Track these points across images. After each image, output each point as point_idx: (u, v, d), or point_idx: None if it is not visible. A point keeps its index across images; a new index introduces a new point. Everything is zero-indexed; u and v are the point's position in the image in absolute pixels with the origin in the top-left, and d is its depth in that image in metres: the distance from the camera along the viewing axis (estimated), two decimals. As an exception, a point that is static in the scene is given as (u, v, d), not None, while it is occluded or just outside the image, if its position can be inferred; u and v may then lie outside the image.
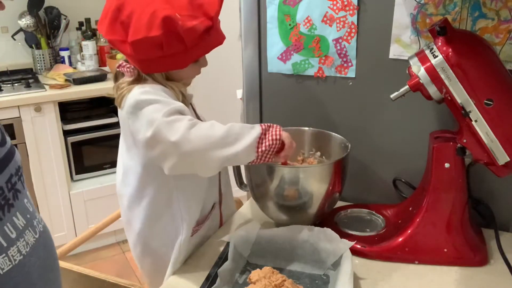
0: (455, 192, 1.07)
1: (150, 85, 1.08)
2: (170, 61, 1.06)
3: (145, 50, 1.03)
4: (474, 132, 0.99)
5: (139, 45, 1.01)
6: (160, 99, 1.04)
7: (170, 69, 1.09)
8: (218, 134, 1.00)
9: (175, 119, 1.00)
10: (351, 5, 1.23)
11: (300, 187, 1.14)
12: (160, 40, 1.00)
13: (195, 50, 1.06)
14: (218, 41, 1.10)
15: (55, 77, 2.63)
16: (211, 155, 1.00)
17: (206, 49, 1.09)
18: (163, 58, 1.04)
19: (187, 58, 1.07)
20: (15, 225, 0.67)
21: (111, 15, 1.03)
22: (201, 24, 1.02)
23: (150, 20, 0.99)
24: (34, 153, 2.44)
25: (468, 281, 1.05)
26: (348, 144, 1.22)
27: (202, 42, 1.06)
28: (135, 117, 1.03)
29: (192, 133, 0.99)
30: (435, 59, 0.98)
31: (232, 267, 1.04)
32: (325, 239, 1.06)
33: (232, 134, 1.01)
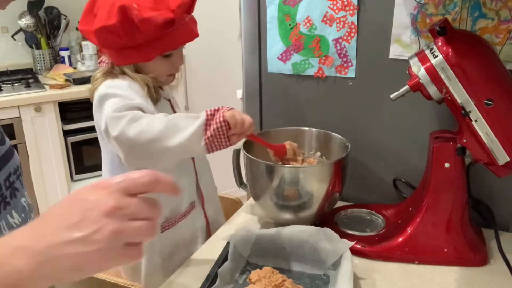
0: (455, 192, 1.07)
1: (118, 79, 1.12)
2: (134, 53, 1.08)
3: (106, 39, 1.06)
4: (474, 132, 0.99)
5: (100, 33, 1.05)
6: (120, 94, 1.07)
7: (136, 61, 1.12)
8: (157, 127, 1.01)
9: (121, 115, 1.03)
10: (351, 5, 1.23)
11: (300, 187, 1.14)
12: (117, 28, 1.03)
13: (159, 43, 1.08)
14: (187, 37, 1.11)
15: (55, 77, 2.63)
16: (153, 148, 1.02)
17: (172, 43, 1.10)
18: (128, 49, 1.08)
19: (151, 50, 1.09)
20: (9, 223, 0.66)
21: (87, 7, 1.09)
22: (160, 16, 1.03)
23: (110, 10, 1.03)
24: (34, 153, 2.44)
25: (468, 281, 1.05)
26: (348, 144, 1.22)
27: (167, 35, 1.07)
28: (99, 110, 1.09)
29: (132, 129, 1.01)
30: (435, 59, 0.98)
31: (232, 267, 1.04)
32: (325, 239, 1.06)
33: (173, 125, 1.02)
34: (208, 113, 1.04)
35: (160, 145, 1.01)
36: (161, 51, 1.11)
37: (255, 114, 1.45)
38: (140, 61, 1.12)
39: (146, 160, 1.06)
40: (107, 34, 1.05)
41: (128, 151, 1.04)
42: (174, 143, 1.01)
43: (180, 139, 1.01)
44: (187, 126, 1.02)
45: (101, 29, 1.04)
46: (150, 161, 1.06)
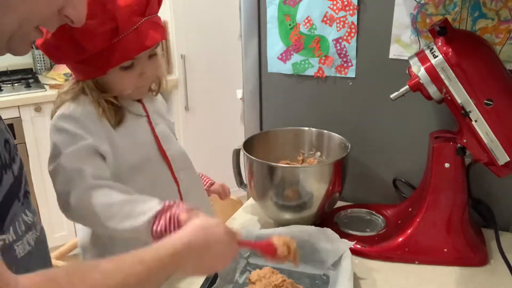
0: (455, 192, 1.07)
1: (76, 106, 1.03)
2: (87, 68, 0.99)
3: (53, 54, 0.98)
4: (474, 132, 0.99)
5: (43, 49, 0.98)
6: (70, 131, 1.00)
7: (90, 76, 1.01)
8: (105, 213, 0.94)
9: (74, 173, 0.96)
10: (351, 5, 1.23)
11: (300, 187, 1.14)
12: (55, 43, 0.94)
13: (109, 55, 0.96)
14: (140, 45, 0.97)
15: (55, 77, 2.63)
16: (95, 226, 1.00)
17: (124, 54, 0.97)
18: (80, 64, 0.99)
19: (103, 64, 0.97)
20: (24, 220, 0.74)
21: None
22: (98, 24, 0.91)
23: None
24: (34, 153, 2.44)
25: (468, 281, 1.05)
26: (348, 144, 1.22)
27: (116, 45, 0.95)
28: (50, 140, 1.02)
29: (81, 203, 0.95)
30: (435, 59, 0.98)
31: (232, 267, 1.04)
32: (325, 239, 1.06)
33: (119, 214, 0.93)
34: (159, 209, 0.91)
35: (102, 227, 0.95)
36: (114, 64, 0.98)
37: (255, 114, 1.45)
38: (95, 76, 1.01)
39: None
40: (51, 48, 0.96)
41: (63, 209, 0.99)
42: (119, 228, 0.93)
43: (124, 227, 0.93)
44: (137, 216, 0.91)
45: (42, 45, 0.96)
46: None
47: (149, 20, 0.99)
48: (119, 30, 0.94)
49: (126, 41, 0.95)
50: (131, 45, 0.96)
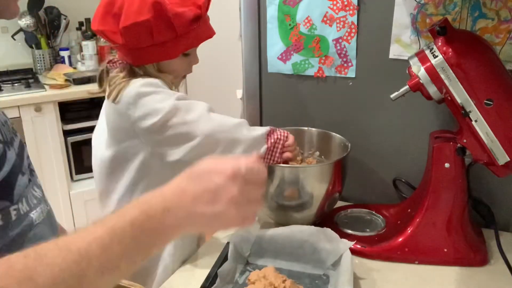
0: (455, 192, 1.07)
1: (147, 78, 1.09)
2: (161, 50, 1.08)
3: (136, 37, 1.04)
4: (474, 132, 0.99)
5: (129, 31, 1.03)
6: (161, 90, 1.07)
7: (160, 59, 1.10)
8: (233, 120, 1.09)
9: (187, 103, 1.06)
10: (351, 5, 1.23)
11: (300, 187, 1.14)
12: (150, 24, 1.02)
13: (185, 40, 1.08)
14: (208, 34, 1.12)
15: (55, 77, 2.62)
16: (226, 137, 1.07)
17: (196, 40, 1.11)
18: (154, 47, 1.06)
19: (177, 47, 1.09)
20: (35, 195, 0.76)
21: (103, 9, 1.06)
22: (190, 11, 1.05)
23: (140, 5, 1.01)
24: (34, 153, 2.44)
25: (468, 281, 1.05)
26: (348, 144, 1.22)
27: (192, 32, 1.08)
28: (137, 106, 1.05)
29: (212, 114, 1.07)
30: (435, 59, 0.98)
31: (232, 267, 1.04)
32: (325, 239, 1.06)
33: (245, 124, 1.10)
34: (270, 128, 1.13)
35: (233, 136, 1.08)
36: (186, 48, 1.11)
37: (255, 114, 1.45)
38: (163, 59, 1.11)
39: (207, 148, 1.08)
40: (138, 30, 1.03)
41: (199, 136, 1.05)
42: (247, 137, 1.08)
43: (251, 135, 1.09)
44: (255, 128, 1.11)
45: (131, 26, 1.02)
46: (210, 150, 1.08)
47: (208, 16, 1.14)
48: (199, 18, 1.08)
49: (200, 29, 1.09)
50: (202, 33, 1.11)
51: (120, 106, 1.07)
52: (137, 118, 1.05)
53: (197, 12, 1.06)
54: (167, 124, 1.04)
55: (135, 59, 1.10)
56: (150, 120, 1.04)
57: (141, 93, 1.05)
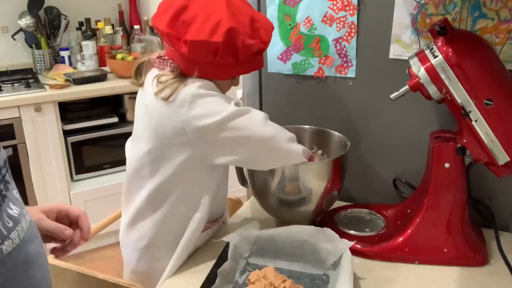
0: (455, 192, 1.07)
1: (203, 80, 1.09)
2: (215, 70, 1.09)
3: (200, 53, 1.05)
4: (474, 132, 0.99)
5: (197, 46, 1.03)
6: (219, 94, 1.09)
7: (212, 77, 1.11)
8: (287, 133, 1.12)
9: (248, 108, 1.09)
10: (351, 5, 1.23)
11: (299, 183, 1.15)
12: (218, 47, 1.03)
13: (241, 67, 1.11)
14: (260, 66, 1.16)
15: (55, 77, 2.62)
16: (275, 149, 1.10)
17: (249, 69, 1.14)
18: (210, 65, 1.07)
19: (232, 72, 1.12)
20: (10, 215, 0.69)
21: (174, 13, 1.05)
22: (257, 45, 1.07)
23: (215, 26, 1.02)
24: (34, 153, 2.44)
25: (468, 281, 1.05)
26: (347, 142, 1.22)
27: (249, 62, 1.11)
28: (193, 106, 1.05)
29: (269, 122, 1.10)
30: (435, 59, 0.98)
31: (232, 267, 1.04)
32: (325, 239, 1.06)
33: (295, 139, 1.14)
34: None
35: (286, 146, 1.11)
36: (238, 74, 1.15)
37: (255, 114, 1.45)
38: (216, 78, 1.12)
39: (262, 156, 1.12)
40: (205, 49, 1.04)
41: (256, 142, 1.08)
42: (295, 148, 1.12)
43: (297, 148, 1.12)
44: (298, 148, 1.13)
45: (200, 43, 1.03)
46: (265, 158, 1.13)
47: None
48: (261, 52, 1.11)
49: (256, 60, 1.13)
50: (256, 64, 1.14)
51: (172, 104, 1.06)
52: (192, 117, 1.04)
53: (261, 47, 1.09)
54: (226, 126, 1.05)
55: (187, 68, 1.08)
56: (207, 120, 1.04)
57: (199, 94, 1.05)
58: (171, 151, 1.10)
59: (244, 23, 1.05)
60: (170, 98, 1.06)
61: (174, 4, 1.05)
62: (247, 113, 1.08)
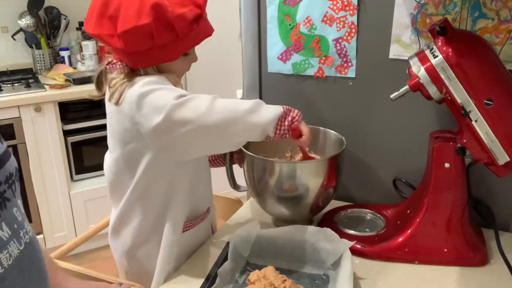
0: (455, 192, 1.07)
1: (149, 76, 1.06)
2: (161, 53, 1.05)
3: (135, 41, 1.02)
4: (474, 132, 0.99)
5: (129, 35, 1.00)
6: (163, 87, 1.04)
7: (161, 61, 1.08)
8: (243, 106, 1.02)
9: (189, 97, 1.01)
10: (351, 5, 1.23)
11: (297, 181, 1.15)
12: (150, 28, 0.99)
13: (185, 41, 1.06)
14: (207, 32, 1.10)
15: (55, 77, 2.62)
16: (234, 127, 1.02)
17: (196, 40, 1.08)
18: (154, 50, 1.04)
19: (178, 49, 1.06)
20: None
21: (98, 11, 1.03)
22: (191, 12, 1.02)
23: (139, 9, 0.98)
24: (34, 153, 2.44)
25: (468, 281, 1.05)
26: (344, 141, 1.22)
27: (192, 32, 1.05)
28: (140, 107, 1.02)
29: (217, 105, 1.01)
30: (435, 59, 0.98)
31: (232, 267, 1.04)
32: (325, 239, 1.06)
33: (257, 106, 1.03)
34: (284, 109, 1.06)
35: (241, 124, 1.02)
36: (186, 49, 1.09)
37: (255, 114, 1.45)
38: (164, 62, 1.08)
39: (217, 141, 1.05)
40: (138, 34, 1.01)
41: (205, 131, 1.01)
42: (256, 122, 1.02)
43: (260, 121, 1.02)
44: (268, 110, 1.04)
45: (131, 31, 0.99)
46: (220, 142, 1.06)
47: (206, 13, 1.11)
48: (200, 17, 1.06)
49: (200, 28, 1.07)
50: (201, 32, 1.08)
51: (123, 108, 1.05)
52: (142, 119, 1.02)
53: (197, 12, 1.04)
54: (173, 122, 1.00)
55: (134, 62, 1.07)
56: (155, 119, 0.99)
57: (143, 93, 1.02)
58: (135, 155, 1.09)
59: None
60: (119, 102, 1.05)
61: (96, 4, 1.03)
62: (190, 102, 1.00)
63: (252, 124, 1.02)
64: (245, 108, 1.02)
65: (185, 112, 0.99)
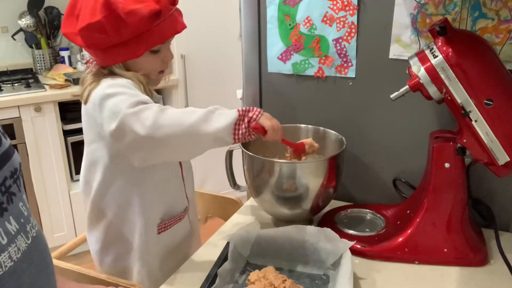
0: (455, 192, 1.07)
1: (115, 78, 1.07)
2: (123, 50, 1.04)
3: (92, 38, 1.02)
4: (474, 132, 0.99)
5: (85, 32, 1.01)
6: (125, 91, 1.02)
7: (125, 58, 1.07)
8: (191, 118, 0.97)
9: (142, 108, 0.98)
10: (351, 5, 1.23)
11: (297, 181, 1.15)
12: (103, 24, 0.99)
13: (147, 37, 1.03)
14: (174, 30, 1.07)
15: (55, 77, 2.63)
16: (184, 140, 0.98)
17: (161, 37, 1.05)
18: (116, 47, 1.03)
19: (139, 46, 1.04)
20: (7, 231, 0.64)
21: (67, 11, 1.05)
22: (145, 8, 0.99)
23: (93, 6, 0.99)
24: (34, 153, 2.44)
25: (468, 281, 1.05)
26: (344, 141, 1.22)
27: (154, 29, 1.03)
28: (101, 109, 1.02)
29: (163, 118, 0.97)
30: (435, 59, 0.98)
31: (232, 267, 1.04)
32: (325, 239, 1.06)
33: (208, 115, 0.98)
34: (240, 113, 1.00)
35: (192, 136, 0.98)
36: (150, 46, 1.06)
37: (255, 114, 1.45)
38: (128, 59, 1.07)
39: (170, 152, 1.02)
40: (93, 32, 1.01)
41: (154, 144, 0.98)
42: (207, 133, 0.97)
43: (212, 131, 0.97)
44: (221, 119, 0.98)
45: (85, 28, 1.00)
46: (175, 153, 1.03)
47: (178, 9, 1.10)
48: (160, 14, 1.02)
49: (164, 25, 1.04)
50: (166, 29, 1.05)
51: (88, 108, 1.06)
52: (103, 121, 1.01)
53: (154, 7, 1.01)
54: (124, 131, 0.98)
55: (101, 60, 1.07)
56: (111, 124, 0.99)
57: (104, 96, 1.02)
58: (97, 155, 1.10)
59: None
60: (87, 101, 1.06)
61: (68, 4, 1.05)
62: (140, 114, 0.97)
63: (201, 136, 0.98)
64: (193, 120, 0.97)
65: (134, 123, 0.97)
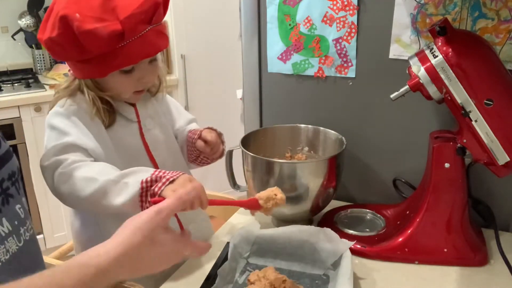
0: (455, 192, 1.07)
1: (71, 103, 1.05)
2: (88, 67, 0.99)
3: (54, 51, 1.00)
4: (474, 132, 0.99)
5: (47, 45, 0.99)
6: (59, 128, 1.01)
7: (90, 76, 1.02)
8: (88, 189, 0.92)
9: (52, 163, 0.97)
10: (351, 5, 1.23)
11: (297, 181, 1.15)
12: (59, 41, 0.94)
13: (111, 60, 0.95)
14: (144, 52, 0.98)
15: (55, 77, 2.63)
16: (90, 207, 0.99)
17: (127, 59, 0.97)
18: (80, 63, 0.99)
19: (104, 66, 0.97)
20: None
21: (45, 16, 1.01)
22: (105, 28, 0.91)
23: (54, 20, 0.95)
24: (34, 153, 2.44)
25: (468, 281, 1.04)
26: (344, 141, 1.22)
27: (119, 50, 0.94)
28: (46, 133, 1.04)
29: (62, 188, 0.96)
30: (435, 59, 0.98)
31: (232, 267, 1.04)
32: (325, 239, 1.06)
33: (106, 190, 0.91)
34: (143, 185, 0.89)
35: (95, 206, 0.95)
36: (116, 67, 0.99)
37: (255, 114, 1.45)
38: (94, 77, 1.02)
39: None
40: (54, 45, 0.97)
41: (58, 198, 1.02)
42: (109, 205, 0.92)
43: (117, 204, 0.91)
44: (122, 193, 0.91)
45: (47, 41, 0.96)
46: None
47: (155, 28, 0.99)
48: (124, 36, 0.94)
49: (130, 47, 0.95)
50: (134, 52, 0.96)
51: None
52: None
53: (115, 28, 0.91)
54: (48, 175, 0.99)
55: (72, 70, 1.05)
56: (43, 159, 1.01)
57: (48, 125, 1.03)
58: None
59: (92, 6, 0.91)
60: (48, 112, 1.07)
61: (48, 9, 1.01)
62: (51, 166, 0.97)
63: (104, 206, 0.92)
64: (90, 193, 0.92)
65: (46, 174, 0.99)
